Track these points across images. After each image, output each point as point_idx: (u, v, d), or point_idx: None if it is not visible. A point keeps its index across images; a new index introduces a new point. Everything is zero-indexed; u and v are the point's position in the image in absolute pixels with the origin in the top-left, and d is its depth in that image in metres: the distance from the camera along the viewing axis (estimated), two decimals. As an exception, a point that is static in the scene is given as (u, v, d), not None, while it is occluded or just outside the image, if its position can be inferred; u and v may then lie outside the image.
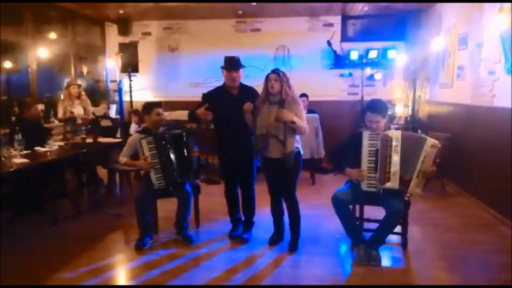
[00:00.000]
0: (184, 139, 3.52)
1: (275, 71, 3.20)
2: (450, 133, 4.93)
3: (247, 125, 3.29)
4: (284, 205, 3.41)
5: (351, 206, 3.27)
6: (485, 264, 3.12)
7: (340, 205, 3.10)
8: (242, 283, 2.84)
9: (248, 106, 3.22)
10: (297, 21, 7.16)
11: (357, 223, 3.43)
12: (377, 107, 3.12)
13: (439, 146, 3.00)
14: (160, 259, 3.20)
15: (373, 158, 3.07)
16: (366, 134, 3.10)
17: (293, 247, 3.33)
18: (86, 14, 6.75)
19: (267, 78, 3.20)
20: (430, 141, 2.97)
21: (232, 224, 3.69)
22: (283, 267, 3.08)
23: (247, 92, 3.45)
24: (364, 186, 3.12)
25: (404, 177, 2.98)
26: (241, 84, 3.49)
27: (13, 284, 2.85)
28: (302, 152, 3.29)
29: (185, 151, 3.50)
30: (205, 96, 3.60)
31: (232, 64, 3.40)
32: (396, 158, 2.99)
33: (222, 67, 3.44)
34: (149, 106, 3.59)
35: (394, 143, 2.99)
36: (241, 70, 3.44)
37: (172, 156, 3.45)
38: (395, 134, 3.03)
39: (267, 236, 3.50)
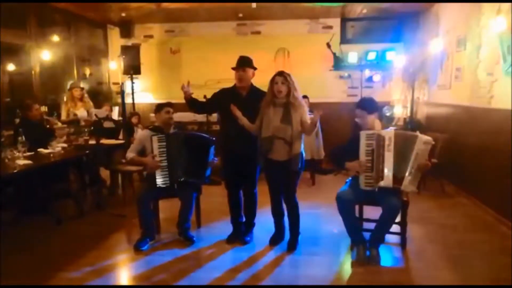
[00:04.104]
0: (207, 146, 3.49)
1: (282, 74, 3.17)
2: (448, 134, 4.98)
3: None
4: (284, 206, 3.44)
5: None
6: (484, 264, 3.13)
7: (344, 204, 3.15)
8: (243, 282, 2.88)
9: (234, 109, 3.18)
10: (297, 23, 7.25)
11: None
12: (363, 103, 3.28)
13: (433, 142, 3.06)
14: (162, 259, 3.24)
15: (370, 158, 3.14)
16: (363, 134, 3.17)
17: (291, 247, 3.37)
18: (89, 17, 6.83)
19: (272, 81, 3.18)
20: (423, 138, 3.02)
21: (233, 229, 3.65)
22: (284, 267, 3.12)
23: (257, 94, 3.36)
24: (362, 185, 3.16)
25: (397, 175, 3.05)
26: (252, 86, 3.45)
27: (16, 284, 2.89)
28: (304, 154, 3.33)
29: (203, 157, 3.48)
30: (214, 94, 3.55)
31: (238, 63, 3.39)
32: (389, 157, 3.06)
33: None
34: (159, 106, 3.66)
35: (386, 142, 3.07)
36: (249, 70, 3.38)
37: (182, 157, 3.45)
38: (388, 133, 3.11)
39: (268, 236, 3.54)
